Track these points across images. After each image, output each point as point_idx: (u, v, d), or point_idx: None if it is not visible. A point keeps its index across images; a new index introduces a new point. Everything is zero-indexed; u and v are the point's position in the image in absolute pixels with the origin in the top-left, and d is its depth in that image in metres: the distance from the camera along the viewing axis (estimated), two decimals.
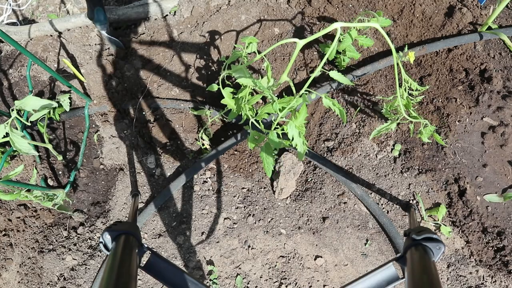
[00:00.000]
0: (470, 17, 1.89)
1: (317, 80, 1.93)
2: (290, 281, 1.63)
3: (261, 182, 1.81)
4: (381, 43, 1.95)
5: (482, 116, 1.74)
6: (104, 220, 1.78)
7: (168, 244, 1.72)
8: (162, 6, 2.06)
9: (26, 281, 1.71)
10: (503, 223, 1.61)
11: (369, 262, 1.66)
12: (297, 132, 1.06)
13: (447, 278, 1.61)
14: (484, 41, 1.85)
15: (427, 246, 0.82)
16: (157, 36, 2.05)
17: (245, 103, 1.30)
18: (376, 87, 1.85)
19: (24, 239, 1.77)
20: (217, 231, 1.72)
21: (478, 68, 1.81)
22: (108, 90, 1.96)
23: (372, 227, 1.69)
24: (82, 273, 1.71)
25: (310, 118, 1.89)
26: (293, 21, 2.01)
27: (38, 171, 1.84)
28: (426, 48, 1.84)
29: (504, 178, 1.66)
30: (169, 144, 1.90)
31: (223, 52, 1.99)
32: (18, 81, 2.06)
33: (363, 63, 1.92)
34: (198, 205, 1.77)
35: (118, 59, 2.00)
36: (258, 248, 1.68)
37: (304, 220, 1.72)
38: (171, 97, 1.97)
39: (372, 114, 1.81)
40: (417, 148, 1.75)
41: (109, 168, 1.87)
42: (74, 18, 2.04)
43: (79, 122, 1.96)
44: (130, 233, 0.88)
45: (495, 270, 1.58)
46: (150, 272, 0.91)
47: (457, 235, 1.65)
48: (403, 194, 1.71)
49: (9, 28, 2.11)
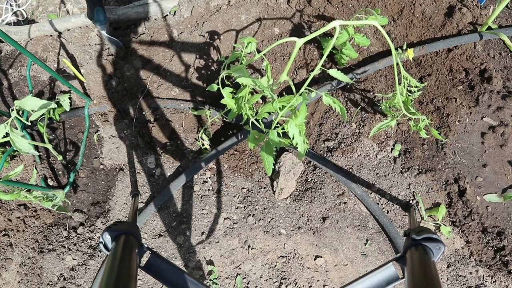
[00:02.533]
0: (470, 17, 1.89)
1: (317, 80, 1.93)
2: (290, 281, 1.63)
3: (261, 182, 1.81)
4: (381, 43, 1.95)
5: (482, 116, 1.74)
6: (104, 220, 1.78)
7: (168, 244, 1.72)
8: (162, 6, 2.06)
9: (26, 281, 1.71)
10: (503, 223, 1.61)
11: (369, 262, 1.66)
12: (297, 131, 1.06)
13: (447, 278, 1.61)
14: (484, 41, 1.85)
15: (427, 246, 0.82)
16: (157, 36, 2.05)
17: (245, 103, 1.30)
18: (376, 87, 1.85)
19: (24, 239, 1.77)
20: (217, 231, 1.72)
21: (478, 68, 1.81)
22: (108, 90, 1.96)
23: (372, 227, 1.69)
24: (82, 273, 1.71)
25: (310, 118, 1.89)
26: (293, 21, 2.01)
27: (38, 171, 1.84)
28: (426, 48, 1.84)
29: (504, 178, 1.66)
30: (169, 144, 1.90)
31: (223, 52, 1.99)
32: (18, 81, 2.06)
33: (363, 63, 1.92)
34: (198, 205, 1.77)
35: (118, 59, 2.00)
36: (258, 248, 1.68)
37: (304, 220, 1.72)
38: (171, 97, 1.96)
39: (372, 114, 1.81)
40: (417, 148, 1.75)
41: (109, 168, 1.87)
42: (74, 18, 2.04)
43: (79, 122, 1.96)
44: (130, 233, 0.88)
45: (495, 270, 1.58)
46: (150, 272, 0.91)
47: (457, 235, 1.65)
48: (403, 194, 1.71)
49: (9, 28, 2.11)
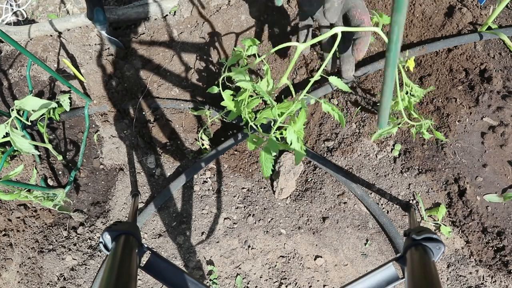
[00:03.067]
0: (470, 17, 1.89)
1: (317, 81, 1.92)
2: (290, 281, 1.63)
3: (261, 182, 1.81)
4: (381, 43, 1.95)
5: (482, 116, 1.74)
6: (104, 220, 1.78)
7: (168, 244, 1.72)
8: (162, 6, 2.06)
9: (26, 281, 1.71)
10: (503, 223, 1.61)
11: (369, 262, 1.66)
12: (295, 137, 1.06)
13: (447, 278, 1.61)
14: (484, 41, 1.85)
15: (427, 246, 0.82)
16: (157, 36, 2.05)
17: (245, 107, 1.30)
18: (376, 87, 1.85)
19: (24, 239, 1.77)
20: (217, 231, 1.72)
21: (478, 68, 1.81)
22: (108, 90, 1.96)
23: (372, 227, 1.69)
24: (82, 273, 1.71)
25: (310, 118, 1.89)
26: (293, 21, 2.01)
27: (38, 171, 1.84)
28: (426, 48, 1.84)
29: (504, 178, 1.66)
30: (169, 144, 1.90)
31: (223, 52, 1.99)
32: (18, 81, 2.06)
33: (363, 63, 1.92)
34: (198, 205, 1.77)
35: (118, 59, 2.00)
36: (258, 248, 1.68)
37: (304, 220, 1.72)
38: (171, 97, 1.97)
39: (372, 114, 1.81)
40: (417, 148, 1.75)
41: (109, 168, 1.87)
42: (74, 18, 2.04)
43: (79, 122, 1.96)
44: (130, 233, 0.88)
45: (495, 270, 1.58)
46: (150, 272, 0.91)
47: (457, 235, 1.65)
48: (403, 194, 1.71)
49: (9, 28, 2.11)
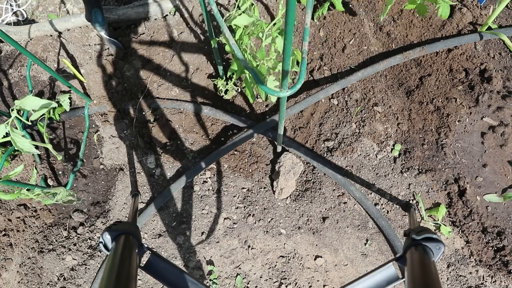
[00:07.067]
0: (470, 17, 1.89)
1: (317, 81, 1.93)
2: (290, 281, 1.63)
3: (261, 182, 1.81)
4: (381, 43, 1.95)
5: (482, 116, 1.74)
6: (104, 220, 1.78)
7: (168, 244, 1.72)
8: (162, 6, 2.06)
9: (26, 281, 1.71)
10: (503, 223, 1.61)
11: (369, 262, 1.66)
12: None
13: (447, 278, 1.61)
14: (484, 41, 1.85)
15: (427, 246, 0.82)
16: (157, 36, 2.05)
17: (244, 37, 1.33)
18: (376, 87, 1.85)
19: (24, 239, 1.77)
20: (217, 231, 1.72)
21: (478, 68, 1.81)
22: (108, 90, 1.96)
23: (372, 227, 1.69)
24: (82, 273, 1.71)
25: (310, 118, 1.89)
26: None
27: (38, 171, 1.84)
28: (426, 49, 1.84)
29: (504, 178, 1.66)
30: (169, 144, 1.90)
31: (223, 51, 1.99)
32: (18, 81, 2.06)
33: (363, 63, 1.92)
34: (198, 205, 1.77)
35: (118, 59, 2.00)
36: (258, 248, 1.68)
37: (304, 220, 1.72)
38: (171, 97, 1.96)
39: (372, 114, 1.81)
40: (417, 148, 1.75)
41: (109, 168, 1.87)
42: (74, 18, 2.04)
43: (79, 122, 1.96)
44: (130, 233, 0.88)
45: (495, 270, 1.58)
46: (150, 272, 0.91)
47: (457, 235, 1.65)
48: (403, 194, 1.71)
49: (9, 28, 2.11)
